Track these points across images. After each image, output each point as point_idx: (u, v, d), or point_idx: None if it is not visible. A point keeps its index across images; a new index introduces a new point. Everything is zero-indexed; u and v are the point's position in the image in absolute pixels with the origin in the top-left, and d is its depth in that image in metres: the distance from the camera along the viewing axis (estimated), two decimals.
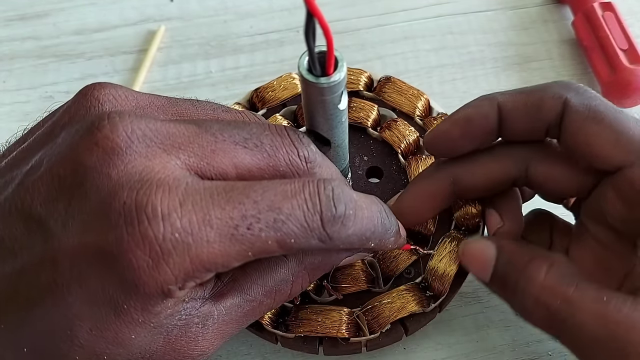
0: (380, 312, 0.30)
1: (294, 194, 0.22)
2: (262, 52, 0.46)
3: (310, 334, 0.30)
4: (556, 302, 0.25)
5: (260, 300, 0.25)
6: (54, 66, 0.46)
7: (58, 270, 0.21)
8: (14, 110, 0.44)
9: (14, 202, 0.21)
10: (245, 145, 0.23)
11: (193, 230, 0.20)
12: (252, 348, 0.34)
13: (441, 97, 0.40)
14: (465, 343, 0.34)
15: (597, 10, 0.43)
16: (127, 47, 0.47)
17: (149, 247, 0.19)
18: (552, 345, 0.33)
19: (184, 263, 0.20)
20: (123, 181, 0.20)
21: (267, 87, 0.36)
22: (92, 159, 0.20)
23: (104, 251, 0.20)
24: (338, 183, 0.23)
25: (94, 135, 0.21)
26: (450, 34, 0.46)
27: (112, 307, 0.21)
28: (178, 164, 0.21)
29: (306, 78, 0.23)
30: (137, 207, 0.20)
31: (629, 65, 0.40)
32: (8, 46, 0.47)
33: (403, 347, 0.33)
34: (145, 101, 0.24)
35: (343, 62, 0.23)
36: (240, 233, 0.20)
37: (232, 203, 0.21)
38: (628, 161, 0.26)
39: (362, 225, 0.23)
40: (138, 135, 0.21)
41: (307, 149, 0.24)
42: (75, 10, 0.49)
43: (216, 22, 0.48)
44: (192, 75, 0.45)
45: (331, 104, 0.24)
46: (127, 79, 0.45)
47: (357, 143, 0.36)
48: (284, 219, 0.21)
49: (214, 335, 0.24)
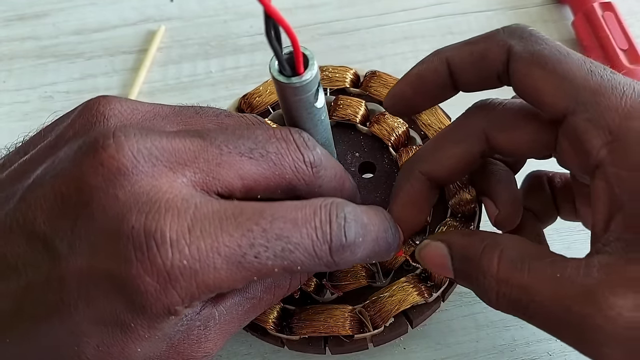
0: (382, 306, 0.30)
1: (305, 221, 0.21)
2: (262, 52, 0.46)
3: (314, 334, 0.30)
4: (514, 291, 0.24)
5: (260, 296, 0.25)
6: (53, 66, 0.46)
7: (65, 290, 0.20)
8: (13, 110, 0.44)
9: (16, 218, 0.21)
10: (251, 155, 0.22)
11: (201, 257, 0.20)
12: (252, 348, 0.34)
13: None
14: (465, 343, 0.34)
15: (597, 10, 0.43)
16: (127, 47, 0.47)
17: (157, 273, 0.19)
18: (552, 346, 0.33)
19: (190, 287, 0.20)
20: (130, 203, 0.20)
21: (253, 93, 0.36)
22: (98, 179, 0.20)
23: (112, 275, 0.20)
24: (352, 209, 0.23)
25: (99, 155, 0.20)
26: (450, 34, 0.46)
27: (118, 326, 0.21)
28: (184, 182, 0.21)
29: (278, 79, 0.23)
30: (146, 232, 0.19)
31: (629, 66, 0.40)
32: (7, 46, 0.47)
33: (403, 347, 0.33)
34: (150, 113, 0.24)
35: (314, 61, 0.23)
36: (247, 261, 0.20)
37: (240, 230, 0.20)
38: (570, 108, 0.24)
39: (369, 248, 0.24)
40: (144, 154, 0.21)
41: (313, 153, 0.24)
42: (75, 10, 0.49)
43: (216, 22, 0.48)
44: (192, 75, 0.45)
45: (307, 103, 0.24)
46: (126, 79, 0.45)
47: (348, 140, 0.36)
48: (292, 248, 0.21)
49: (217, 336, 0.24)
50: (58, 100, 0.45)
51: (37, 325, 0.21)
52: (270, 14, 0.20)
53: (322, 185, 0.24)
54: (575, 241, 0.37)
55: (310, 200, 0.23)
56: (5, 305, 0.21)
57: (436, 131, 0.35)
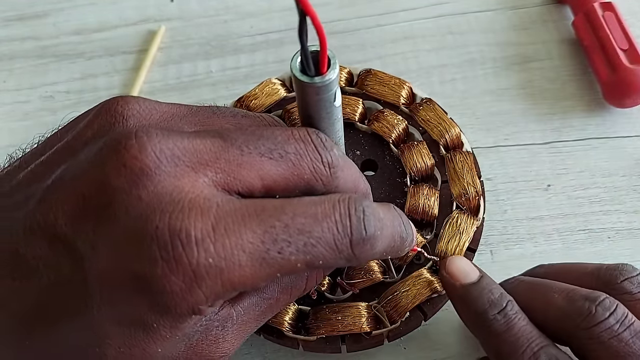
0: (399, 301, 0.31)
1: (325, 216, 0.22)
2: (262, 52, 0.46)
3: (333, 333, 0.30)
4: None
5: (277, 297, 0.25)
6: (53, 66, 0.46)
7: (88, 292, 0.20)
8: (14, 110, 0.44)
9: (36, 219, 0.21)
10: (271, 156, 0.22)
11: (226, 254, 0.20)
12: (253, 347, 0.34)
13: (441, 97, 0.40)
14: (466, 343, 0.34)
15: (598, 10, 0.43)
16: (127, 47, 0.47)
17: (183, 273, 0.19)
18: None
19: (215, 286, 0.20)
20: (154, 203, 0.20)
21: (249, 96, 0.37)
22: (120, 180, 0.20)
23: (137, 276, 0.20)
24: (368, 203, 0.23)
25: (121, 155, 0.20)
26: (450, 34, 0.46)
27: (141, 327, 0.21)
28: (206, 182, 0.21)
29: (300, 79, 0.23)
30: (171, 232, 0.19)
31: (629, 66, 0.40)
32: (8, 46, 0.47)
33: (403, 347, 0.33)
34: (168, 113, 0.24)
35: (335, 60, 0.23)
36: (271, 257, 0.21)
37: (263, 226, 0.21)
38: None
39: (386, 242, 0.24)
40: (167, 154, 0.21)
41: (330, 154, 0.24)
42: (75, 10, 0.49)
43: (216, 22, 0.48)
44: (193, 75, 0.45)
45: (328, 102, 0.24)
46: (127, 79, 0.45)
47: (348, 139, 0.36)
48: (314, 242, 0.21)
49: (234, 336, 0.24)
50: (58, 100, 0.45)
51: (59, 328, 0.21)
52: (307, 13, 0.20)
53: (339, 186, 0.24)
54: (575, 241, 0.37)
55: (328, 195, 0.23)
56: (26, 306, 0.21)
57: (435, 127, 0.35)
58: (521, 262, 0.35)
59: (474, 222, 0.32)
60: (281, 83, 0.37)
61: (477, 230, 0.33)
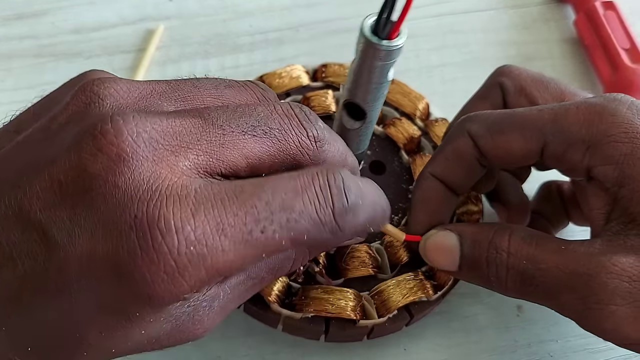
0: (388, 297, 0.31)
1: (305, 188, 0.21)
2: (261, 51, 0.46)
3: (321, 313, 0.30)
4: (522, 262, 0.26)
5: (263, 276, 0.25)
6: (52, 65, 0.46)
7: (65, 280, 0.20)
8: (12, 110, 0.44)
9: (11, 205, 0.21)
10: (254, 133, 0.22)
11: (207, 241, 0.19)
12: (252, 349, 0.34)
13: (442, 96, 0.40)
14: (466, 344, 0.33)
15: (599, 10, 0.43)
16: (126, 46, 0.46)
17: (164, 262, 0.19)
18: (553, 346, 0.33)
19: (199, 274, 0.20)
20: (132, 191, 0.19)
21: (274, 74, 0.37)
22: (97, 167, 0.20)
23: (116, 265, 0.19)
24: (347, 173, 0.23)
25: (97, 141, 0.20)
26: (452, 33, 0.46)
27: (123, 314, 0.20)
28: (187, 165, 0.21)
29: (369, 38, 0.23)
30: (150, 220, 0.19)
31: (630, 65, 0.40)
32: (6, 45, 0.47)
33: (404, 348, 0.33)
34: (146, 90, 0.23)
35: (405, 31, 0.24)
36: (254, 237, 0.20)
37: (244, 207, 0.20)
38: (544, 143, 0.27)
39: (368, 211, 0.23)
40: (144, 138, 0.20)
41: (316, 127, 0.23)
42: (73, 9, 0.48)
43: (215, 21, 0.48)
44: (191, 74, 0.45)
45: (383, 72, 0.24)
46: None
47: None
48: (297, 217, 0.21)
49: (218, 313, 0.24)
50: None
51: (35, 315, 0.21)
52: None
53: (327, 159, 0.24)
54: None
55: (305, 168, 0.23)
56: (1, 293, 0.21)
57: None
58: None
59: None
60: (306, 71, 0.38)
61: None
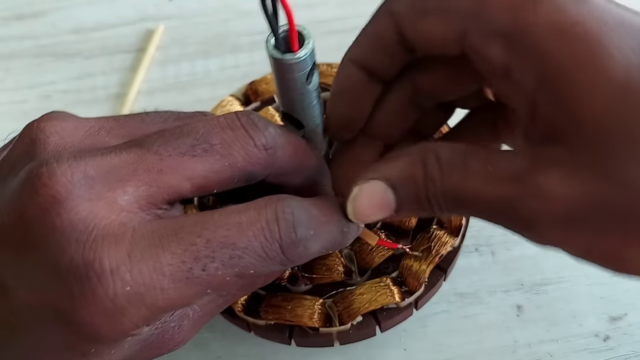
0: (351, 303, 0.30)
1: (250, 224, 0.21)
2: (261, 51, 0.45)
3: (280, 321, 0.30)
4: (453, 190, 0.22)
5: (234, 293, 0.25)
6: (51, 65, 0.46)
7: (19, 321, 0.20)
8: (11, 110, 0.44)
9: None
10: (194, 153, 0.21)
11: (144, 280, 0.19)
12: (251, 349, 0.34)
13: None
14: (466, 344, 0.33)
15: None
16: (126, 46, 0.46)
17: (102, 305, 0.19)
18: (553, 347, 0.33)
19: (140, 312, 0.20)
20: (68, 232, 0.19)
21: (260, 81, 0.37)
22: (35, 209, 0.20)
23: (58, 310, 0.19)
24: (298, 203, 0.22)
25: (33, 184, 0.20)
26: None
27: (79, 353, 0.20)
28: (127, 200, 0.20)
29: (271, 54, 0.23)
30: (85, 263, 0.19)
31: None
32: (6, 45, 0.47)
33: (404, 348, 0.33)
34: (94, 127, 0.23)
35: (310, 40, 0.23)
36: (195, 275, 0.20)
37: (182, 245, 0.20)
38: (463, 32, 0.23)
39: (323, 239, 0.23)
40: (79, 177, 0.20)
41: (265, 134, 0.23)
42: (73, 9, 0.48)
43: (215, 21, 0.48)
44: (191, 74, 0.45)
45: (300, 83, 0.24)
46: (125, 79, 0.45)
47: None
48: (240, 253, 0.20)
49: (189, 329, 0.24)
50: (56, 99, 0.44)
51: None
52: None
53: (283, 166, 0.23)
54: None
55: (254, 201, 0.22)
56: None
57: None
58: (522, 263, 0.35)
59: (449, 242, 0.31)
60: None
61: (452, 251, 0.32)
